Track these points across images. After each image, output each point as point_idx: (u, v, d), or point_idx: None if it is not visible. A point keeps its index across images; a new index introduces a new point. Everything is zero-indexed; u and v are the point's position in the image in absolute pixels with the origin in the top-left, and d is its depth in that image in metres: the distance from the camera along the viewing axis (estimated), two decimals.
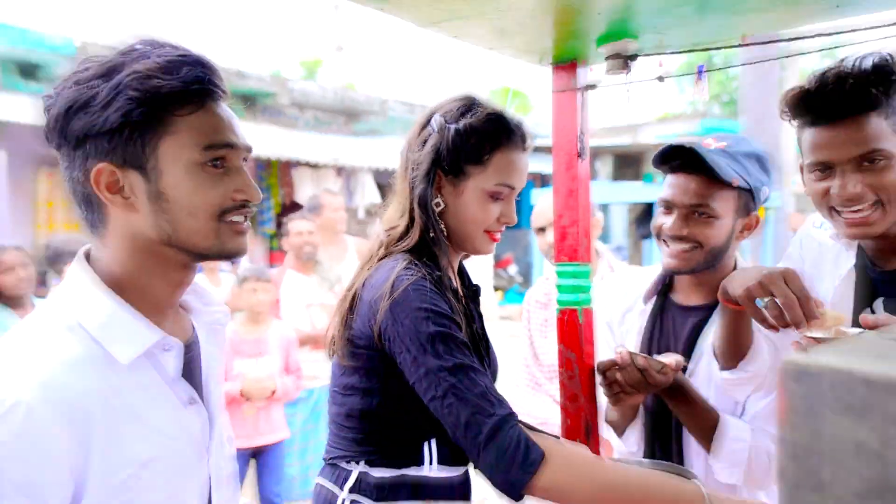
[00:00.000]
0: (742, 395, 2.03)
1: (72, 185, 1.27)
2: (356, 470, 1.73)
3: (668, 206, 2.07)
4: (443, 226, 1.80)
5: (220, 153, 1.27)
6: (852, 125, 1.63)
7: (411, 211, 1.80)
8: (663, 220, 2.08)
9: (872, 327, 1.47)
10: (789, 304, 1.60)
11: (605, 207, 14.09)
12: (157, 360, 1.27)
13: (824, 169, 1.70)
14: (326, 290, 5.14)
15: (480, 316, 1.99)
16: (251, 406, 4.46)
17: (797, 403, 0.66)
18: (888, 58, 1.61)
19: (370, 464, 1.73)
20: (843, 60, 1.66)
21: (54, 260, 5.16)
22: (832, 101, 1.63)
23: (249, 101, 12.64)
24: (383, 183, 13.04)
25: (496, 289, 16.02)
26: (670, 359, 1.97)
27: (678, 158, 2.04)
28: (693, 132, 15.52)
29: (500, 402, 1.56)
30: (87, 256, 1.31)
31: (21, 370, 1.13)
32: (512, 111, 1.82)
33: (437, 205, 1.79)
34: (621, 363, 1.97)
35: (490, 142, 1.76)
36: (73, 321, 1.21)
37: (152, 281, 1.29)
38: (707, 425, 2.05)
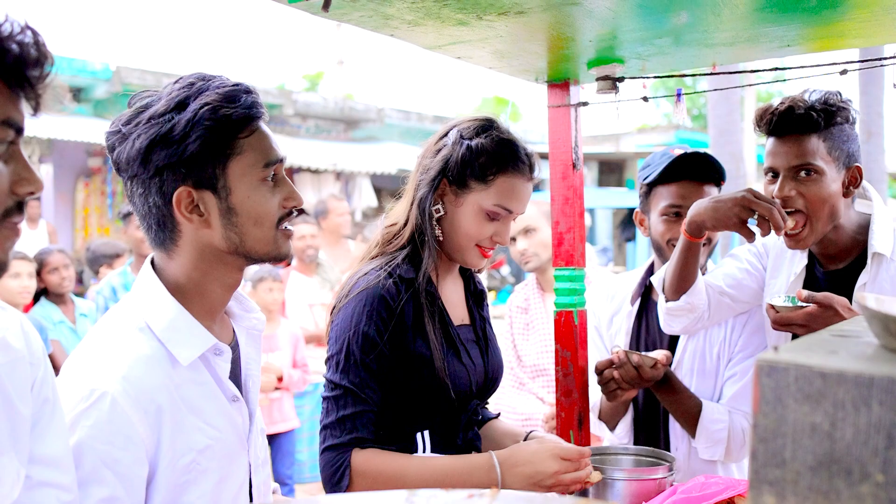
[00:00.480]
0: (680, 326, 2.25)
1: (148, 209, 1.40)
2: None
3: (679, 213, 2.30)
4: (438, 231, 1.90)
5: (275, 168, 1.43)
6: (795, 141, 1.97)
7: (409, 212, 1.92)
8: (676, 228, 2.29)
9: (807, 300, 1.88)
10: (771, 214, 1.90)
11: (590, 212, 14.34)
12: (210, 362, 1.43)
13: (774, 175, 2.03)
14: (328, 290, 5.33)
15: (483, 318, 2.09)
16: (265, 397, 4.81)
17: (767, 394, 0.78)
18: (835, 95, 1.96)
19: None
20: (804, 91, 1.99)
21: (93, 262, 5.74)
22: (783, 119, 1.96)
23: None
24: (380, 187, 13.23)
25: (490, 289, 16.19)
26: (660, 355, 2.16)
27: (686, 168, 2.28)
28: (669, 142, 16.03)
29: (354, 430, 1.78)
30: (153, 264, 1.46)
31: (105, 365, 1.30)
32: (525, 142, 1.92)
33: (437, 210, 1.89)
34: (618, 362, 2.14)
35: (497, 164, 1.86)
36: (143, 322, 1.38)
37: (212, 286, 1.44)
38: (691, 412, 2.25)
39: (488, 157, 1.86)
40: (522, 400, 3.57)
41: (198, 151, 1.34)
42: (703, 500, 1.79)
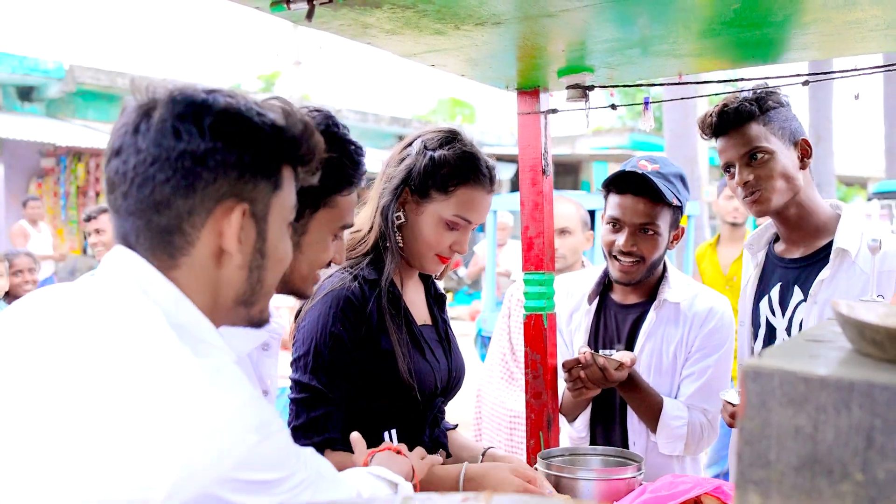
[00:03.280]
0: None
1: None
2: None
3: (618, 225, 2.31)
4: (399, 238, 1.94)
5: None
6: (738, 132, 2.10)
7: (373, 219, 1.95)
8: (614, 237, 2.32)
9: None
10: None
11: None
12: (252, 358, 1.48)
13: (729, 168, 2.14)
14: None
15: (444, 320, 2.13)
16: None
17: (753, 398, 0.81)
18: (760, 89, 2.10)
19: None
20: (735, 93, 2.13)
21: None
22: (721, 118, 2.12)
23: None
24: None
25: (446, 290, 16.18)
26: (626, 357, 2.20)
27: (627, 182, 2.29)
28: (623, 145, 16.11)
29: (325, 430, 1.82)
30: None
31: None
32: (486, 154, 1.95)
33: (399, 218, 1.92)
34: (584, 363, 2.18)
35: (459, 176, 1.90)
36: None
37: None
38: (652, 409, 2.32)
39: (450, 168, 1.89)
40: (511, 395, 3.55)
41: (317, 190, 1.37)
42: (672, 499, 1.83)
